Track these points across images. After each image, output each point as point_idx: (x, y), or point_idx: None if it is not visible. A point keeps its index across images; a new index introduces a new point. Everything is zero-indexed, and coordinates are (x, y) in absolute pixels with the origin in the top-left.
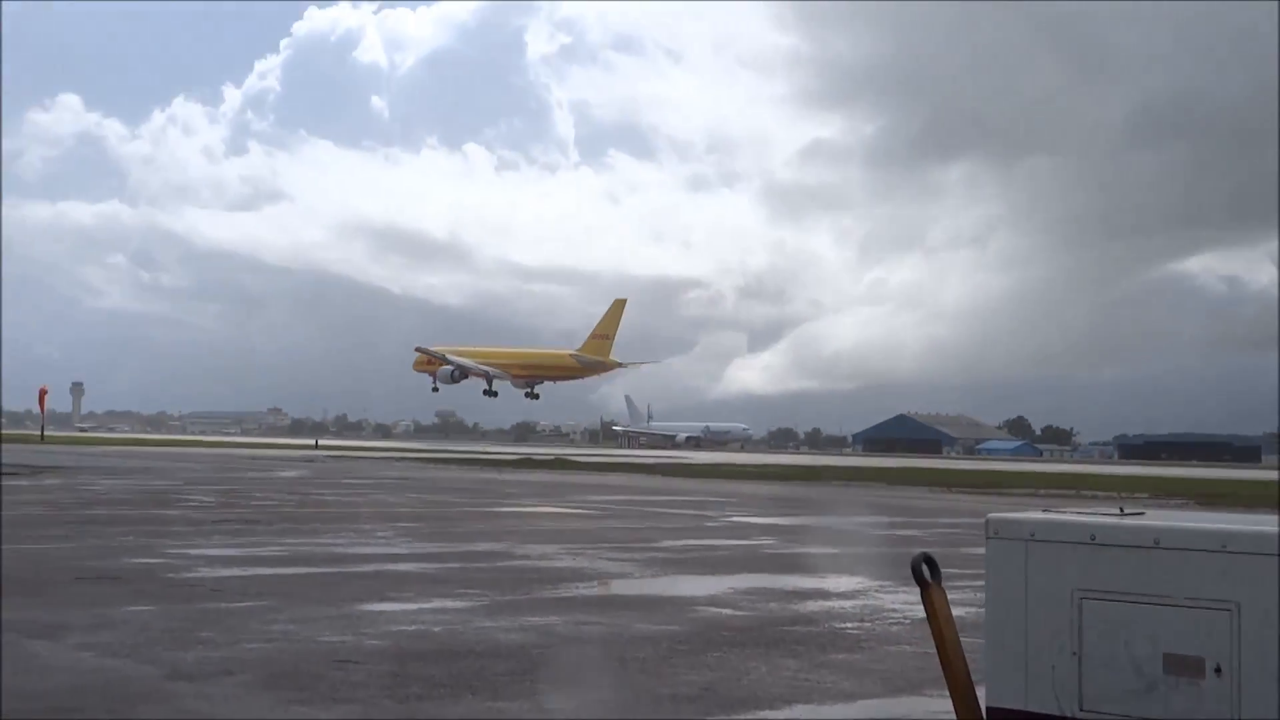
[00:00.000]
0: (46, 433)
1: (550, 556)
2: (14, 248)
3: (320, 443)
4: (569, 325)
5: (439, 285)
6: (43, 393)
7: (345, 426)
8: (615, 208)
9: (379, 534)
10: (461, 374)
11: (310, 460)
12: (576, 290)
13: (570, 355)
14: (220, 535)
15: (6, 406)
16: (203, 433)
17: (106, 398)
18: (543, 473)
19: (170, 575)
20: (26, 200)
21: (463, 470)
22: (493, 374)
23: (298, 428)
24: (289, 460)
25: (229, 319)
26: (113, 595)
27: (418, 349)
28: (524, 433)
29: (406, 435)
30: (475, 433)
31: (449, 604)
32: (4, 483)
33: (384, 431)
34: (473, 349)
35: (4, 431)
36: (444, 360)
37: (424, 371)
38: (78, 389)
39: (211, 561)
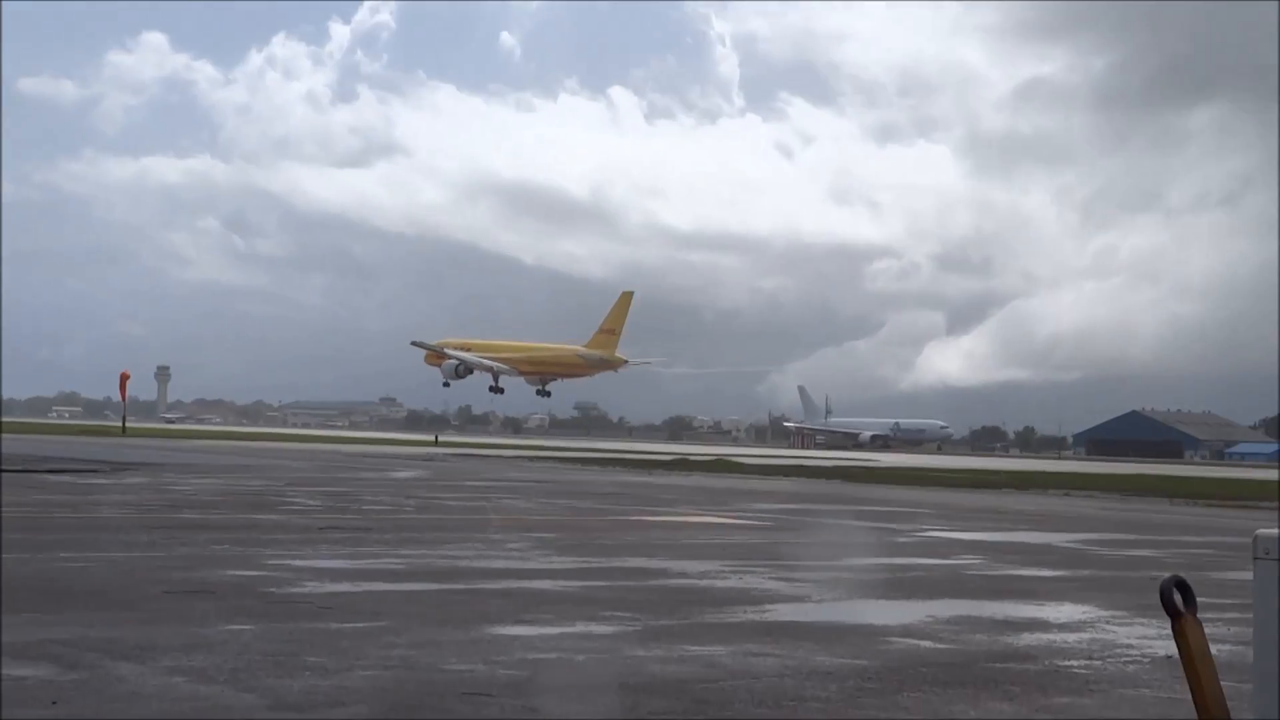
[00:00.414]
0: (128, 424)
1: (711, 575)
2: (91, 210)
3: (440, 439)
4: (733, 302)
5: (579, 254)
6: (124, 379)
7: (469, 420)
8: (788, 162)
9: (511, 545)
10: (466, 369)
11: (429, 459)
12: (742, 260)
13: (576, 352)
14: (328, 545)
15: (84, 393)
16: (305, 426)
17: (196, 385)
18: (701, 476)
19: (272, 590)
20: (105, 155)
21: (606, 472)
22: (498, 370)
23: (414, 421)
24: (405, 459)
25: (336, 294)
26: (207, 612)
27: (414, 343)
28: (678, 429)
29: (540, 431)
30: (620, 429)
31: (594, 629)
32: (81, 480)
33: (514, 426)
34: (480, 341)
35: (79, 423)
36: (444, 355)
37: (434, 365)
38: (163, 374)
39: (319, 575)
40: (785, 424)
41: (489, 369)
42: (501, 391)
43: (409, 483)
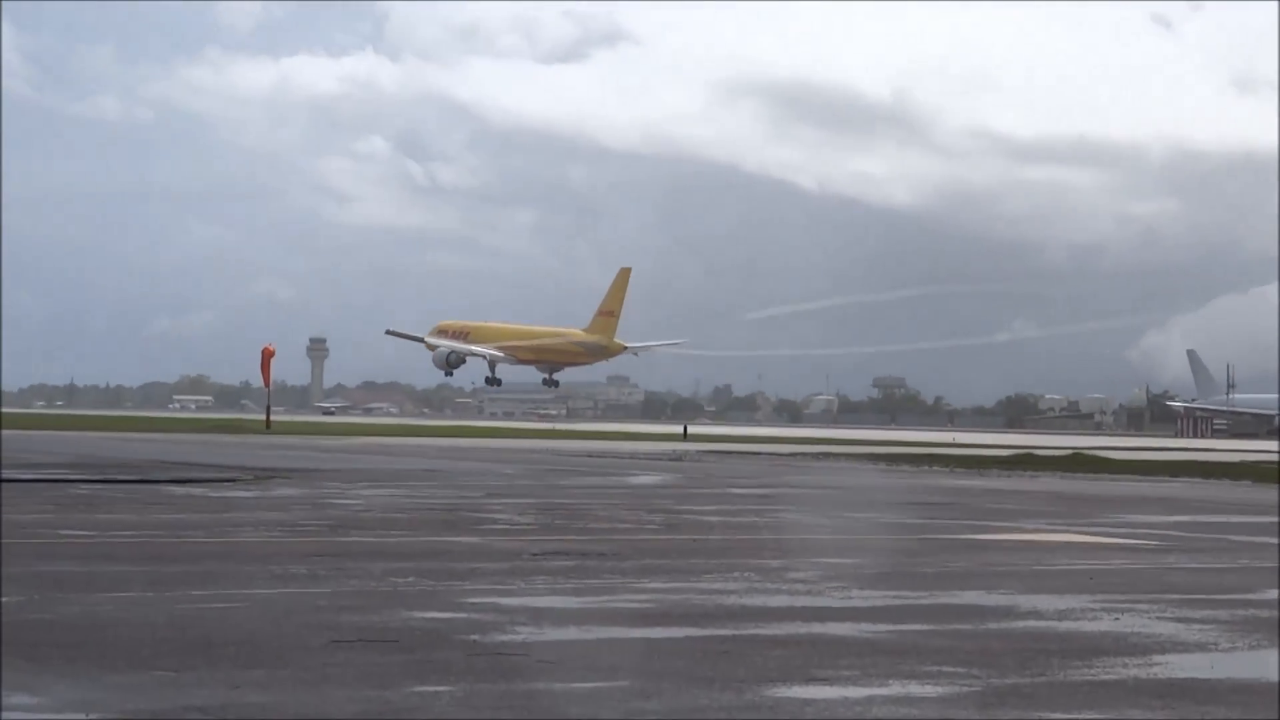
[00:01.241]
0: (273, 417)
1: (1076, 614)
2: (217, 132)
3: (690, 430)
4: (1093, 234)
5: (877, 174)
6: (267, 357)
7: (730, 404)
8: (1168, 37)
9: (795, 575)
10: (458, 358)
11: (676, 458)
12: (1104, 177)
13: (571, 339)
14: (546, 577)
15: (215, 377)
16: (509, 416)
17: (361, 364)
18: (1053, 477)
19: (474, 638)
20: (234, 56)
21: (919, 474)
22: (493, 358)
23: (653, 406)
24: (644, 458)
25: (547, 236)
26: (390, 668)
27: (389, 332)
28: (1018, 413)
29: (825, 418)
30: (938, 412)
31: (915, 689)
32: (215, 493)
33: (790, 412)
34: (480, 325)
35: (210, 416)
36: (422, 343)
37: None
38: (318, 350)
39: (535, 617)
40: (1170, 403)
41: (483, 357)
42: (498, 383)
43: (651, 491)
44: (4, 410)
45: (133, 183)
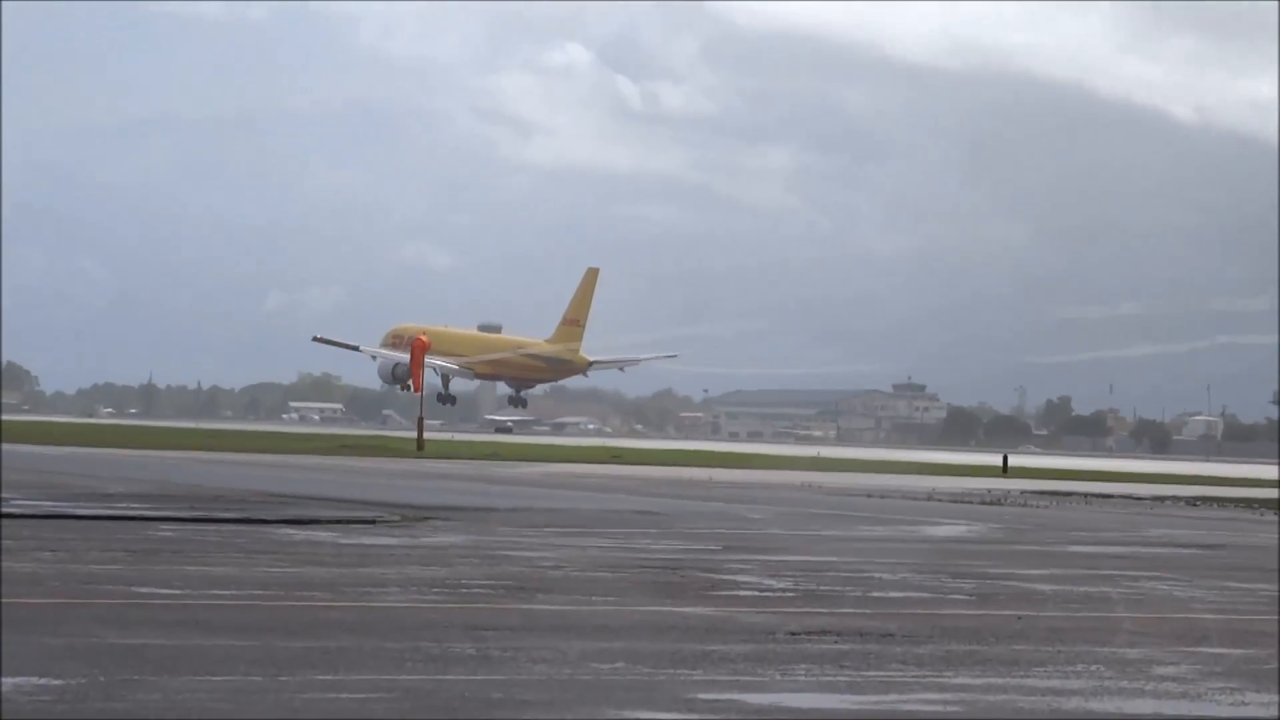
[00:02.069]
0: (429, 433)
1: None
2: (352, 35)
3: (1012, 461)
4: None
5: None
6: (419, 349)
7: (1068, 425)
8: None
9: (1160, 670)
10: (404, 370)
11: (993, 501)
12: None
13: (531, 351)
14: (809, 664)
15: (347, 378)
16: (754, 436)
17: None
18: None
19: None
20: None
21: None
22: (445, 371)
23: (959, 425)
24: (945, 499)
25: (809, 183)
26: None
27: (316, 339)
28: None
29: (1204, 445)
30: None
31: None
32: (349, 539)
33: (1156, 437)
34: (440, 330)
35: (341, 433)
36: (358, 351)
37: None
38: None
39: None
40: None
41: (433, 369)
42: (452, 400)
43: (956, 547)
44: (59, 419)
45: (236, 107)
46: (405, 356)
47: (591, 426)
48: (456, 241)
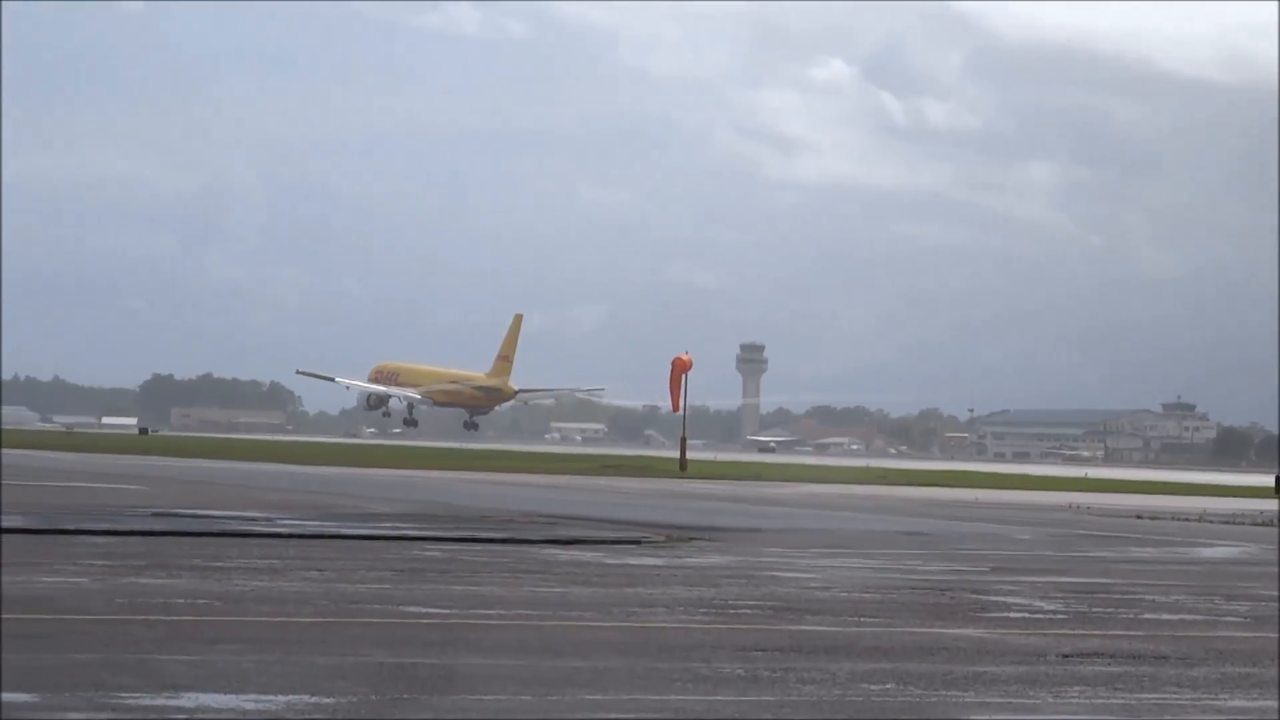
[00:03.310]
0: (692, 453)
1: None
2: (612, 52)
3: None
4: None
5: None
6: (680, 369)
7: None
8: None
9: None
10: (379, 399)
11: (1266, 523)
12: None
13: (474, 385)
14: (1082, 687)
15: (608, 397)
16: (1020, 457)
17: (812, 380)
18: None
19: None
20: None
21: None
22: (410, 400)
23: (1232, 445)
24: (1218, 520)
25: (1079, 200)
26: None
27: (300, 372)
28: None
29: None
30: None
31: None
32: (613, 560)
33: None
34: (413, 366)
35: (602, 452)
36: (333, 383)
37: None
38: (754, 361)
39: None
40: None
41: (398, 398)
42: (415, 424)
43: (1230, 569)
44: (322, 440)
45: (495, 124)
46: (379, 388)
47: (855, 447)
48: (720, 259)
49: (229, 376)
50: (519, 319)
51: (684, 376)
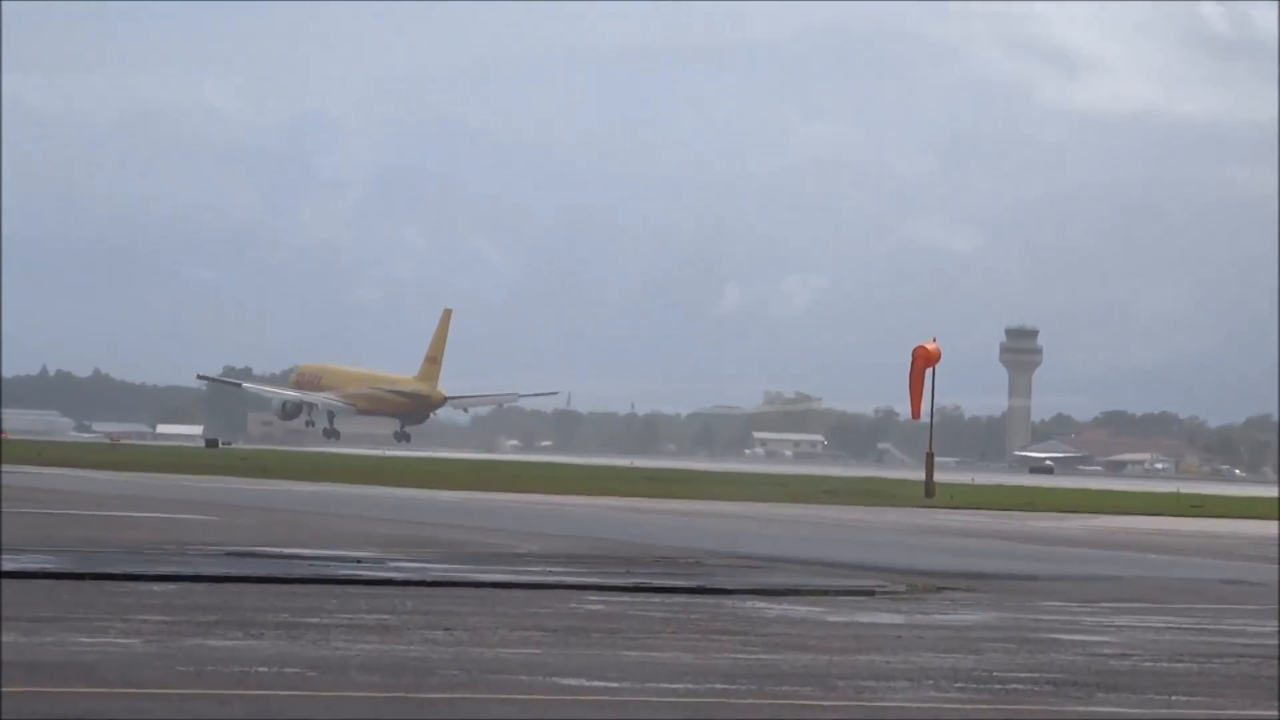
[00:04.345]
0: (940, 475)
1: None
2: None
3: None
4: None
5: None
6: (923, 362)
7: None
8: None
9: None
10: (295, 408)
11: None
12: None
13: (395, 390)
14: None
15: (829, 400)
16: None
17: (1097, 376)
18: None
19: None
20: None
21: None
22: (328, 406)
23: None
24: None
25: None
26: None
27: (200, 377)
28: None
29: None
30: None
31: None
32: (840, 618)
33: None
34: (339, 368)
35: (813, 473)
36: (239, 388)
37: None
38: (1024, 352)
39: None
40: None
41: (317, 405)
42: (336, 435)
43: None
44: (454, 455)
45: (671, 37)
46: (292, 395)
47: (1160, 466)
48: (977, 216)
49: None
50: (448, 315)
51: (929, 372)
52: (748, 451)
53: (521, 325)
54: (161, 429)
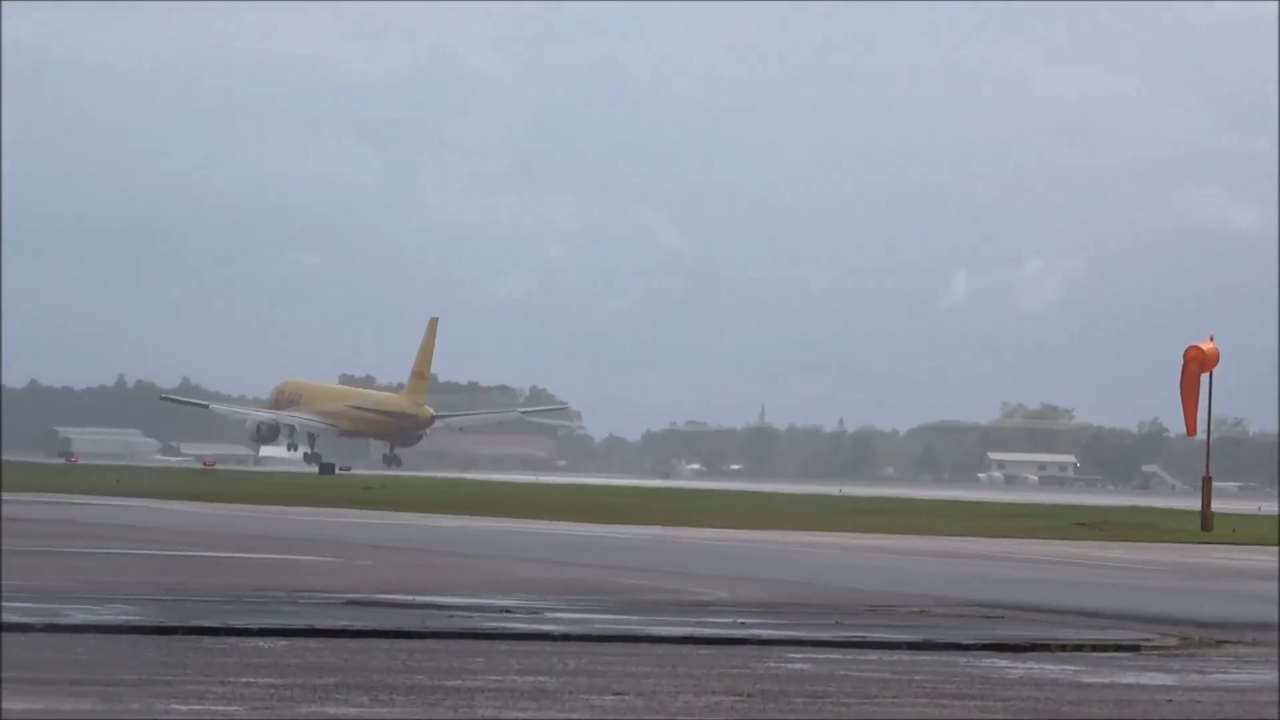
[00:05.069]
0: (1220, 502)
1: None
2: None
3: None
4: None
5: None
6: (1199, 367)
7: None
8: None
9: None
10: (270, 429)
11: None
12: None
13: (378, 409)
14: None
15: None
16: None
17: None
18: None
19: None
20: None
21: None
22: (308, 427)
23: None
24: None
25: None
26: None
27: (163, 398)
28: None
29: None
30: None
31: None
32: (1092, 679)
33: None
34: (319, 385)
35: (1085, 503)
36: (207, 409)
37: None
38: None
39: None
40: None
41: (295, 426)
42: (318, 458)
43: None
44: (615, 482)
45: None
46: (266, 416)
47: None
48: (1266, 184)
49: (462, 380)
50: (434, 324)
51: (1206, 378)
52: (982, 476)
53: (699, 320)
54: (266, 451)
